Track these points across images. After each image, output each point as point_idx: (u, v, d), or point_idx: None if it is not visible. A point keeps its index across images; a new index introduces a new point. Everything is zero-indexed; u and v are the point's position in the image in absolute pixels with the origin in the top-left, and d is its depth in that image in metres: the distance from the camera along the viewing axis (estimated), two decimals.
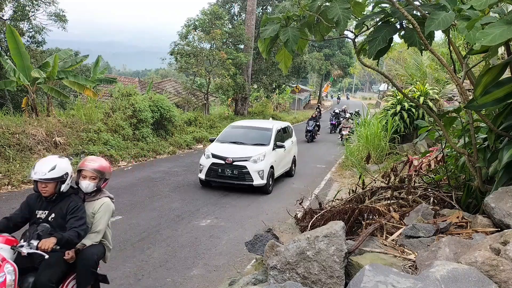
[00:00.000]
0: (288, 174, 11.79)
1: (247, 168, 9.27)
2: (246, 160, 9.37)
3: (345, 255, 2.01)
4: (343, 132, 19.82)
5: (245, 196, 9.34)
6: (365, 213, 2.97)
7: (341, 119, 25.34)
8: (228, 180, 9.44)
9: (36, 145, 10.85)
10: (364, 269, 1.67)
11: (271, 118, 15.54)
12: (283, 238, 2.74)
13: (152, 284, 4.92)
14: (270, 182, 9.81)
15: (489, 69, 2.31)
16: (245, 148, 9.94)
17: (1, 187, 8.77)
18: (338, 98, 64.49)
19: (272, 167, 9.87)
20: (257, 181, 9.32)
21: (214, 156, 9.59)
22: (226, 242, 6.43)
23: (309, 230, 2.54)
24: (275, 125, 11.16)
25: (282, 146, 10.53)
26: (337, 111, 27.19)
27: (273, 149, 10.17)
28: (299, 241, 2.09)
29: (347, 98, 73.33)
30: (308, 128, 20.75)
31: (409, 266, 2.07)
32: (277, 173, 10.38)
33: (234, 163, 9.34)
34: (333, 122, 26.11)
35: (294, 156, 12.16)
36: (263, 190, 9.58)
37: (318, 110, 35.60)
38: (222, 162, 9.39)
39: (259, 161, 9.46)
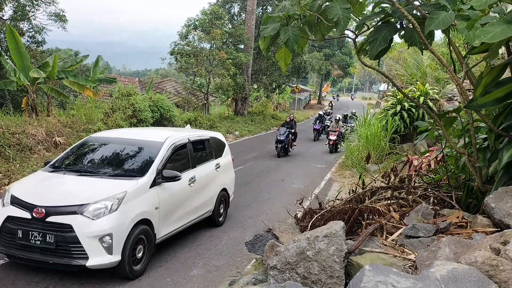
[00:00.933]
0: (210, 221, 6.92)
1: (73, 230, 4.45)
2: (75, 213, 4.56)
3: (345, 255, 2.01)
4: (331, 137, 16.80)
5: (245, 196, 9.34)
6: (365, 213, 2.97)
7: (326, 122, 21.68)
8: (36, 255, 4.55)
9: (36, 145, 10.85)
10: (364, 269, 1.67)
11: (188, 126, 10.66)
12: (283, 238, 2.75)
13: (152, 284, 4.92)
14: (140, 255, 4.97)
15: (489, 70, 2.31)
16: (87, 185, 5.13)
17: (1, 187, 8.77)
18: (338, 96, 64.09)
19: (146, 222, 5.04)
20: (97, 257, 4.51)
21: (14, 202, 4.79)
22: (226, 242, 6.43)
23: (309, 230, 2.54)
24: (171, 138, 6.02)
25: (175, 178, 5.51)
26: (321, 113, 22.52)
27: (156, 183, 5.29)
28: (299, 241, 2.09)
29: (352, 98, 68.07)
30: (278, 138, 14.84)
31: (409, 266, 2.07)
32: (167, 230, 5.59)
33: (50, 219, 4.52)
34: (317, 127, 20.82)
35: (224, 189, 7.30)
36: (118, 274, 4.84)
37: (330, 105, 35.20)
38: (27, 215, 4.59)
39: (106, 212, 4.62)
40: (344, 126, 18.78)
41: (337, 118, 18.52)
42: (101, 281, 4.88)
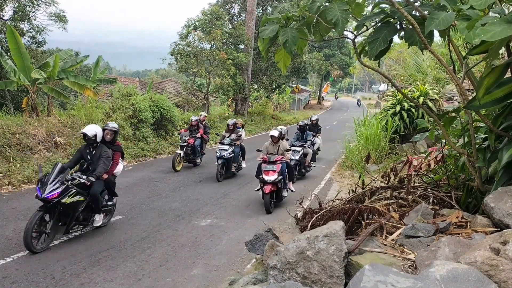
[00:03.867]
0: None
1: None
2: None
3: (345, 255, 2.01)
4: (267, 177, 8.06)
5: (245, 196, 9.34)
6: (365, 213, 2.97)
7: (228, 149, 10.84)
8: None
9: (36, 145, 10.86)
10: (364, 269, 1.67)
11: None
12: (283, 238, 2.75)
13: (152, 283, 4.92)
14: None
15: (490, 71, 2.31)
16: None
17: (2, 187, 8.78)
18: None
19: None
20: None
21: None
22: (226, 242, 6.43)
23: (309, 230, 2.55)
24: None
25: None
26: (230, 122, 12.04)
27: None
28: (299, 240, 2.09)
29: (358, 104, 50.75)
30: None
31: (408, 266, 2.08)
32: None
33: None
34: (224, 154, 10.81)
35: None
36: None
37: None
38: None
39: None
40: (298, 147, 11.30)
41: (280, 130, 9.11)
42: (102, 280, 4.88)
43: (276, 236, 2.78)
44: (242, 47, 25.94)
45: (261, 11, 29.77)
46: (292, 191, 9.11)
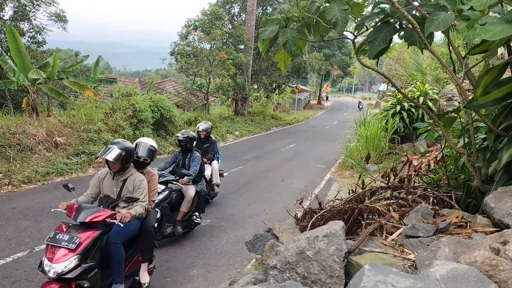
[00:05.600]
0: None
1: None
2: None
3: (345, 255, 2.01)
4: (53, 267, 3.21)
5: (245, 196, 9.34)
6: (365, 213, 2.97)
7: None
8: None
9: (36, 145, 10.86)
10: (364, 269, 1.67)
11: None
12: (283, 238, 2.75)
13: (152, 283, 4.92)
14: None
15: (489, 70, 2.31)
16: None
17: (2, 187, 8.78)
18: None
19: None
20: None
21: None
22: (226, 242, 6.43)
23: (309, 230, 2.55)
24: None
25: None
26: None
27: None
28: (299, 241, 2.09)
29: (359, 107, 41.85)
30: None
31: (408, 266, 2.08)
32: None
33: None
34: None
35: None
36: None
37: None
38: None
39: None
40: (161, 183, 5.80)
41: (128, 149, 3.97)
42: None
43: (276, 236, 2.79)
44: (242, 47, 25.93)
45: (261, 11, 29.76)
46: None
